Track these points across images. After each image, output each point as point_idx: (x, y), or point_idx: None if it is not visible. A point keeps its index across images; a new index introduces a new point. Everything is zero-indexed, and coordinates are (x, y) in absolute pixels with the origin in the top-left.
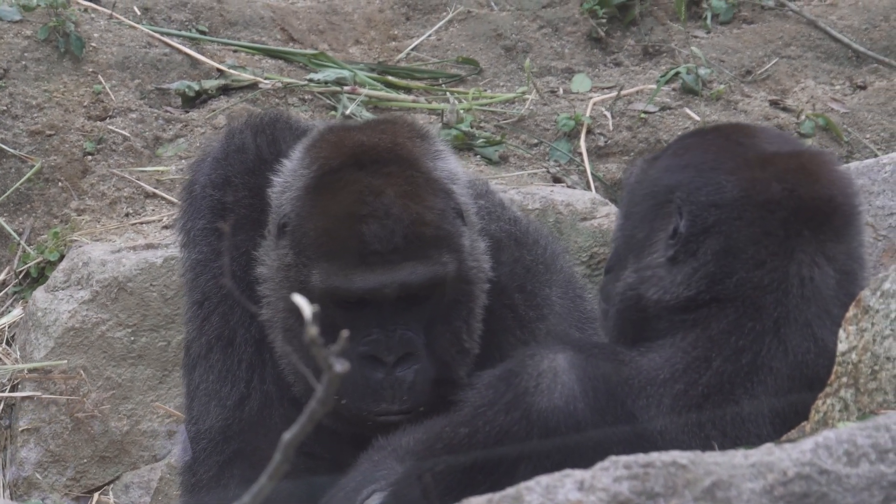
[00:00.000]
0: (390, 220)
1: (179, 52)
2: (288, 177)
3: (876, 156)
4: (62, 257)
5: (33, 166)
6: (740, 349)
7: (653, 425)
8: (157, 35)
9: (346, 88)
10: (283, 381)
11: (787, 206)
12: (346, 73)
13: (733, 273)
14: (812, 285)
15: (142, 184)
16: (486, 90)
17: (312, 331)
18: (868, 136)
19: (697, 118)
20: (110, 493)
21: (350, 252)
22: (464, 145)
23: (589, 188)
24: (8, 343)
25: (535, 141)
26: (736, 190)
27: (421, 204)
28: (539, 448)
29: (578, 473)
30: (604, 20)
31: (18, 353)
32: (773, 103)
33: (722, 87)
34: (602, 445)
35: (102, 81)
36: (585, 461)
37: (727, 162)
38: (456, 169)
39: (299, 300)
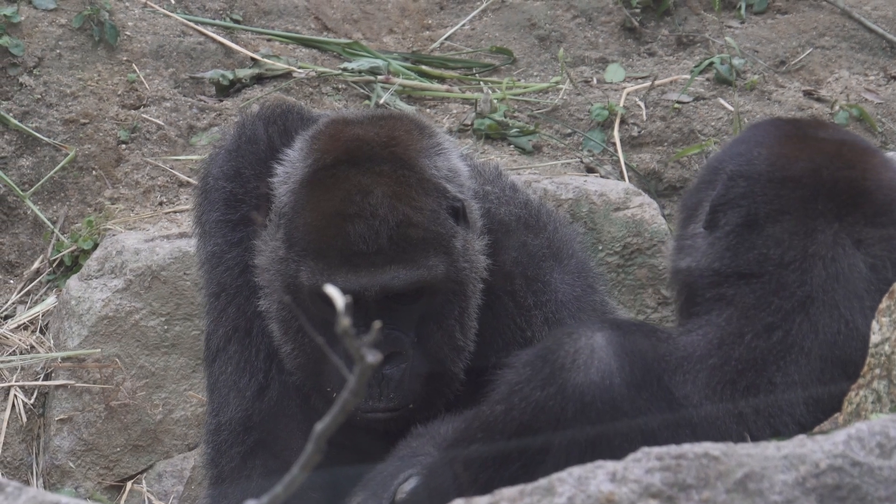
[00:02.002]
0: (377, 220)
1: (213, 40)
2: (288, 168)
3: None
4: (96, 246)
5: (67, 155)
6: (771, 326)
7: (688, 401)
8: (192, 24)
9: (379, 77)
10: None
11: (809, 184)
12: (379, 63)
13: (753, 247)
14: (835, 266)
15: (176, 172)
16: (519, 80)
17: (345, 322)
18: None
19: (731, 108)
20: (143, 481)
21: (335, 251)
22: (497, 135)
23: (622, 178)
24: (42, 331)
25: (569, 131)
26: (764, 164)
27: (410, 205)
28: (574, 424)
29: (610, 465)
30: (638, 10)
31: (52, 341)
32: (807, 94)
33: (756, 77)
34: (637, 422)
35: (136, 70)
36: (621, 437)
37: (770, 138)
38: (457, 165)
39: (332, 290)
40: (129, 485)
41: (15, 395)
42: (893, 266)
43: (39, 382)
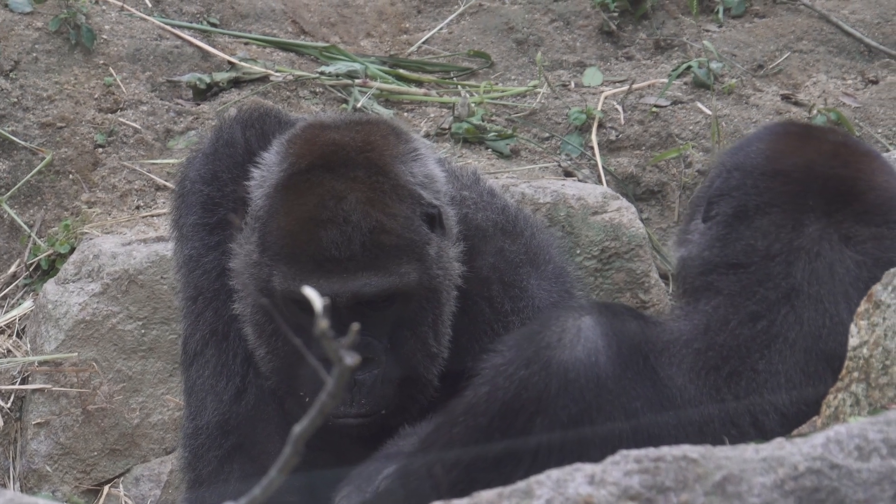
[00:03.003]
0: (349, 226)
1: (191, 44)
2: (264, 171)
3: (887, 150)
4: (73, 250)
5: (44, 158)
6: (756, 315)
7: (672, 383)
8: (169, 27)
9: (357, 81)
10: None
11: (799, 179)
12: (357, 66)
13: (741, 238)
14: (819, 261)
15: (153, 176)
16: (497, 83)
17: (323, 324)
18: (880, 130)
19: (709, 112)
20: (120, 485)
21: (308, 257)
22: (475, 139)
23: (600, 182)
24: (18, 335)
25: (547, 135)
26: (759, 157)
27: (383, 211)
28: (557, 401)
29: (589, 467)
30: (615, 14)
31: (29, 345)
32: (785, 97)
33: (734, 81)
34: (620, 403)
35: (113, 74)
36: (604, 416)
37: (771, 135)
38: (433, 171)
39: (310, 292)
40: (106, 489)
41: None
42: (883, 265)
43: (16, 386)
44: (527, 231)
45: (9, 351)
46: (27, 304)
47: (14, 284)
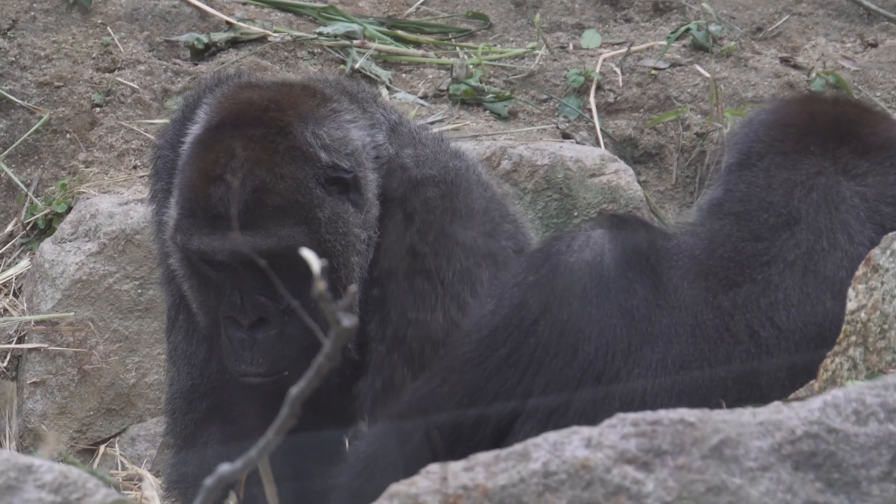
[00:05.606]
0: (235, 185)
1: (189, 4)
2: (194, 128)
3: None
4: (70, 209)
5: (41, 117)
6: (758, 235)
7: (669, 282)
8: None
9: (355, 42)
10: None
11: (801, 126)
12: (355, 27)
13: (743, 179)
14: (816, 192)
15: (150, 136)
16: (495, 45)
17: (321, 285)
18: (879, 94)
19: (707, 75)
20: (116, 445)
21: (201, 212)
22: (473, 100)
23: (598, 145)
24: (15, 294)
25: (545, 97)
26: (764, 115)
27: (271, 171)
28: (563, 298)
29: (586, 430)
30: None
31: (25, 304)
32: (784, 60)
33: (732, 43)
34: (618, 297)
35: (111, 33)
36: (602, 310)
37: (777, 101)
38: (350, 135)
39: (307, 253)
40: (102, 448)
41: None
42: (887, 199)
43: (13, 346)
44: (462, 184)
45: (5, 310)
46: (24, 264)
47: (11, 243)
